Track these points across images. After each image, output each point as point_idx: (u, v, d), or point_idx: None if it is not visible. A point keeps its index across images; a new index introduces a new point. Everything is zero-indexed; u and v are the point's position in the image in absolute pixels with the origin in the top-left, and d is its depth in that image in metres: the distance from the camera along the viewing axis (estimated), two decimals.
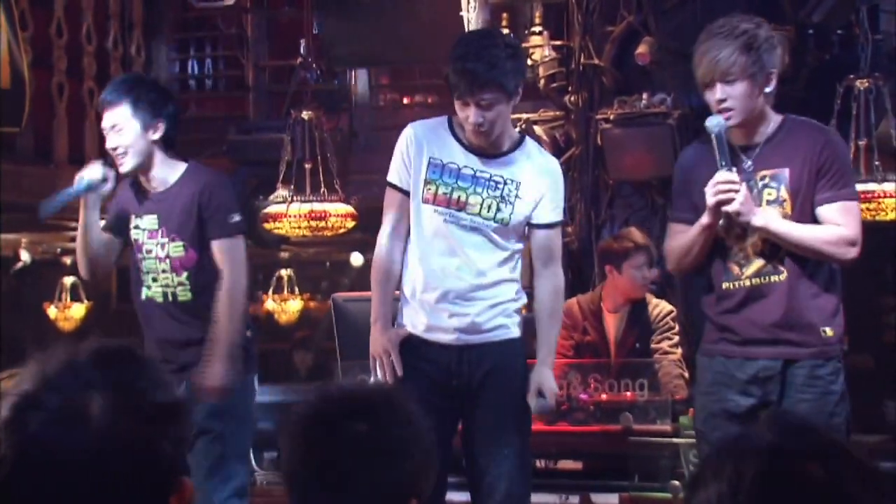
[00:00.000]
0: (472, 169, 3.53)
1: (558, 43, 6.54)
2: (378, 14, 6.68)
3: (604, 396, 4.73)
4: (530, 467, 3.70)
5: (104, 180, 3.85)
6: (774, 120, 3.46)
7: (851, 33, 6.10)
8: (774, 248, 3.40)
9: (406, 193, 3.59)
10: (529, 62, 6.69)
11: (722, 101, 3.35)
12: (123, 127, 3.83)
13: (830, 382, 3.39)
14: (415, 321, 3.60)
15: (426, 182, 3.55)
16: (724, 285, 3.47)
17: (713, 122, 3.36)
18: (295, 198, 5.56)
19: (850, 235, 3.37)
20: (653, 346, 5.13)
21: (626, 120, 5.96)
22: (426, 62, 7.30)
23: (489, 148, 3.55)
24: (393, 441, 1.68)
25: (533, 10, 6.91)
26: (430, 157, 3.56)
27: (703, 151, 3.51)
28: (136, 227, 3.96)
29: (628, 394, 4.71)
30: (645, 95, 5.98)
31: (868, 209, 5.16)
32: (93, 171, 3.84)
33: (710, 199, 3.34)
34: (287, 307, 10.74)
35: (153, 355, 3.95)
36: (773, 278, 3.41)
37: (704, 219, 3.39)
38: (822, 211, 3.38)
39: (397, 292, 3.67)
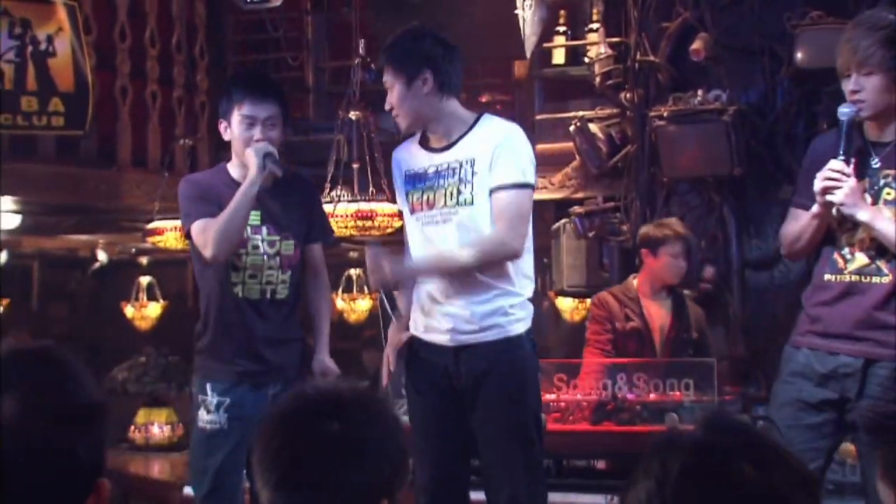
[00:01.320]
0: (435, 166, 3.57)
1: (614, 40, 6.48)
2: (433, 13, 6.67)
3: (651, 396, 4.69)
4: (540, 466, 3.65)
5: (278, 161, 3.92)
6: None
7: None
8: (882, 249, 3.34)
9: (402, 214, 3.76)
10: (586, 59, 6.67)
11: (855, 91, 3.31)
12: (277, 123, 3.94)
13: None
14: (416, 323, 3.66)
15: (407, 195, 3.65)
16: (826, 277, 3.44)
17: (844, 110, 3.33)
18: (342, 197, 5.59)
19: None
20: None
21: (680, 117, 5.88)
22: (481, 61, 7.29)
23: (445, 140, 3.57)
24: (365, 441, 1.68)
25: (591, 7, 6.86)
26: (405, 172, 3.66)
27: (833, 140, 3.45)
28: None
29: (676, 393, 4.65)
30: (700, 92, 5.89)
31: None
32: (263, 146, 3.86)
33: (817, 185, 3.32)
34: (356, 306, 10.81)
35: (241, 355, 3.99)
36: (876, 279, 3.36)
37: (815, 207, 3.37)
38: None
39: None
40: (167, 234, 6.33)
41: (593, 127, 6.48)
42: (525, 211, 3.50)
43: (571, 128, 6.54)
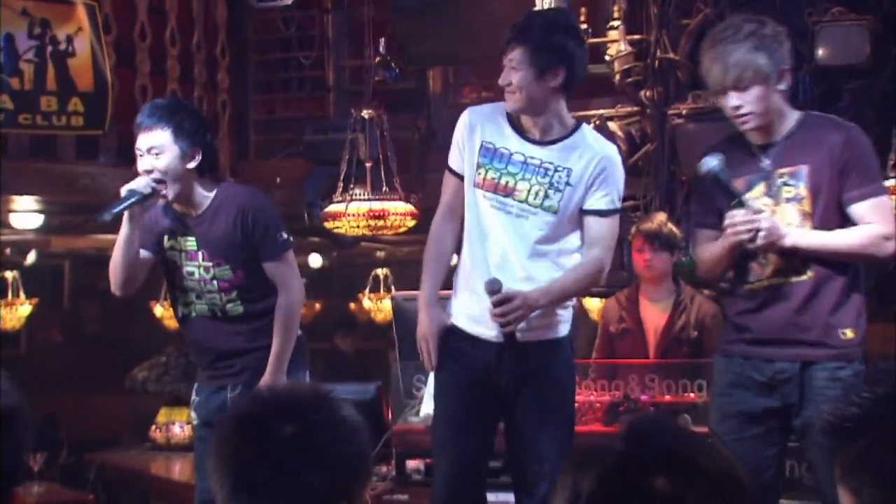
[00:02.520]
0: (523, 155, 3.48)
1: (635, 37, 6.41)
2: (453, 12, 6.65)
3: (667, 397, 4.64)
4: None
5: (153, 194, 3.80)
6: (793, 117, 3.37)
7: None
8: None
9: (461, 178, 3.58)
10: (606, 57, 6.61)
11: (738, 107, 3.28)
12: (163, 151, 3.79)
13: (852, 385, 3.26)
14: (462, 312, 3.57)
15: (478, 166, 3.51)
16: (747, 286, 3.40)
17: (707, 165, 3.30)
18: (354, 196, 5.57)
19: (885, 231, 3.27)
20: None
21: (699, 115, 5.81)
22: (500, 59, 7.24)
23: (542, 134, 3.50)
24: (321, 443, 1.64)
25: (612, 4, 6.80)
26: (483, 141, 3.53)
27: (720, 150, 3.44)
28: (172, 248, 3.96)
29: (691, 395, 4.60)
30: None
31: None
32: (140, 183, 3.79)
33: (732, 239, 3.29)
34: (383, 306, 10.81)
35: (203, 363, 4.05)
36: (795, 279, 3.32)
37: (728, 243, 3.33)
38: (853, 210, 3.28)
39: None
40: None
41: (613, 125, 6.42)
42: (616, 235, 3.57)
43: (591, 126, 6.48)
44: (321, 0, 7.86)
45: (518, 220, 3.46)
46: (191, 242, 3.94)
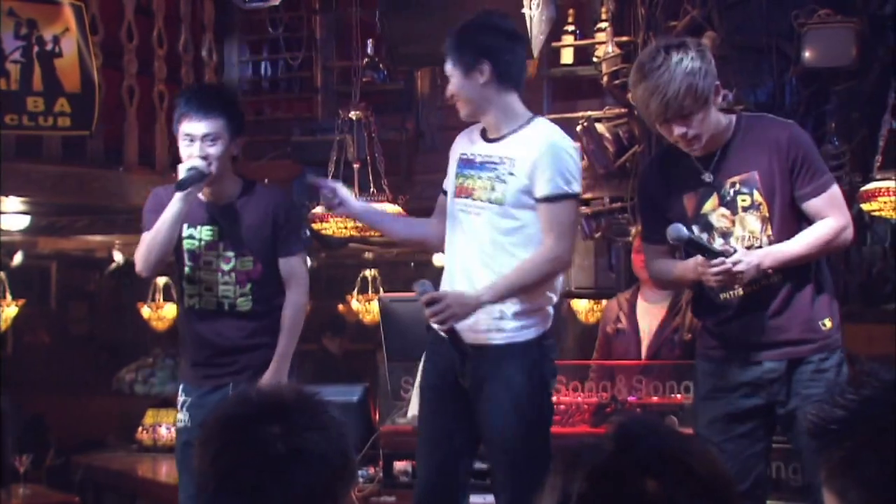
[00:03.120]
0: (480, 155, 3.56)
1: (622, 39, 6.42)
2: (441, 13, 6.63)
3: (654, 399, 4.64)
4: (543, 468, 3.59)
5: (208, 176, 3.87)
6: (727, 123, 3.38)
7: None
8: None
9: (444, 193, 3.70)
10: (594, 59, 6.61)
11: (683, 134, 3.27)
12: (217, 139, 3.89)
13: (836, 374, 3.33)
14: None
15: (455, 178, 3.63)
16: (722, 296, 3.41)
17: (674, 234, 3.29)
18: None
19: (843, 222, 3.33)
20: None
21: None
22: None
23: (494, 132, 3.57)
24: (306, 445, 1.63)
25: (600, 5, 6.81)
26: (461, 155, 3.63)
27: (659, 168, 3.51)
28: (191, 236, 3.98)
29: (678, 396, 4.61)
30: None
31: None
32: (199, 163, 3.84)
33: (714, 285, 3.30)
34: (371, 307, 10.79)
35: (201, 360, 4.01)
36: (766, 282, 3.35)
37: (692, 276, 3.36)
38: (808, 206, 3.32)
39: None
40: None
41: (600, 127, 6.43)
42: (571, 221, 3.53)
43: (578, 128, 6.48)
44: (309, 1, 7.84)
45: (477, 219, 3.52)
46: (212, 231, 3.97)
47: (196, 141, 3.87)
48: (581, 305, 8.17)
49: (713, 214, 3.37)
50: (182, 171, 3.84)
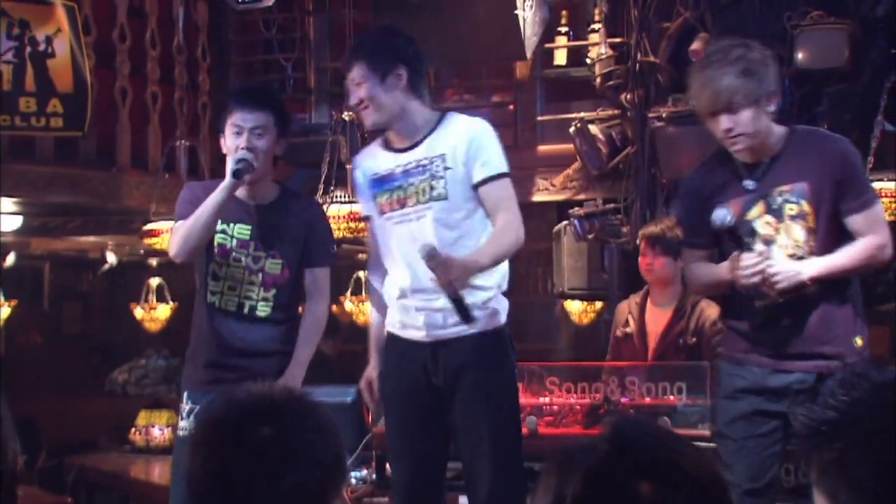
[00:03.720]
0: (401, 166, 3.57)
1: (615, 40, 6.43)
2: (434, 15, 6.64)
3: (647, 400, 4.64)
4: (520, 461, 3.60)
5: (252, 168, 3.86)
6: (779, 134, 3.42)
7: None
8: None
9: (370, 219, 3.71)
10: (587, 60, 6.62)
11: (728, 130, 3.34)
12: (265, 133, 3.88)
13: None
14: (393, 321, 3.64)
15: (374, 198, 3.64)
16: (758, 302, 3.44)
17: (718, 218, 3.37)
18: (335, 198, 5.56)
19: (882, 240, 3.38)
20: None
21: (679, 118, 5.82)
22: (481, 62, 7.26)
23: (409, 140, 3.58)
24: (298, 446, 1.63)
25: (593, 7, 6.82)
26: (371, 176, 3.65)
27: (704, 173, 3.56)
28: (224, 231, 3.95)
29: (671, 397, 4.60)
30: None
31: None
32: (247, 154, 3.83)
33: (745, 282, 3.34)
34: (365, 308, 10.78)
35: (212, 361, 3.98)
36: (803, 291, 3.37)
37: (728, 276, 3.39)
38: (851, 221, 3.37)
39: None
40: (163, 235, 6.31)
41: (594, 128, 6.44)
42: (514, 196, 3.58)
43: (572, 129, 6.49)
44: (302, 2, 7.83)
45: (420, 223, 3.53)
46: (245, 230, 3.95)
47: (244, 133, 3.86)
48: (574, 307, 8.18)
49: (758, 221, 3.40)
50: (232, 162, 3.84)
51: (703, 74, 3.36)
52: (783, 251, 3.38)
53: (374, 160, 3.67)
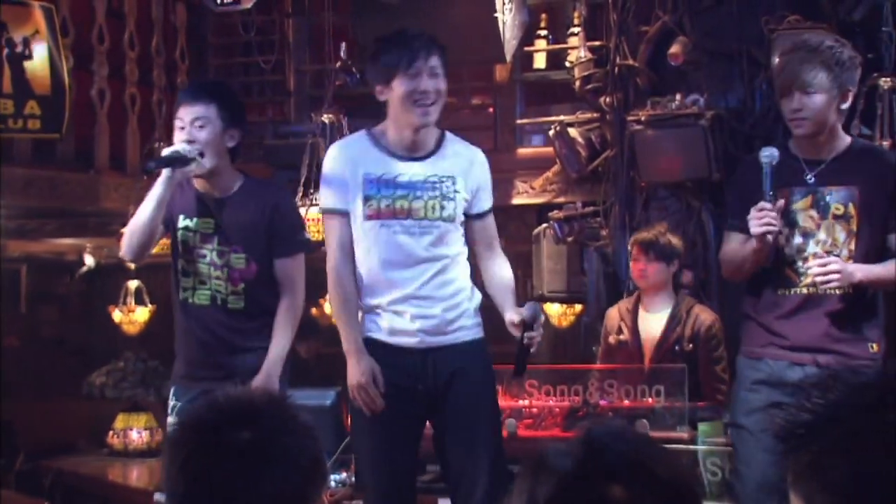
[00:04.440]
0: (406, 175, 3.53)
1: (595, 44, 6.45)
2: (413, 17, 6.64)
3: (625, 402, 4.66)
4: (506, 466, 3.62)
5: (194, 161, 3.82)
6: (844, 139, 3.52)
7: None
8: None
9: (345, 215, 3.58)
10: (567, 63, 6.64)
11: (797, 110, 3.42)
12: (206, 124, 3.85)
13: None
14: (377, 327, 3.58)
15: (366, 199, 3.53)
16: (780, 291, 3.52)
17: (766, 154, 3.43)
18: (315, 201, 5.55)
19: None
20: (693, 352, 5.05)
21: (658, 121, 5.84)
22: (461, 65, 7.25)
23: (417, 150, 3.55)
24: (277, 449, 1.63)
25: (573, 10, 6.84)
26: (364, 174, 3.54)
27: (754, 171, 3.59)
28: (186, 228, 3.94)
29: (649, 400, 4.62)
30: (678, 96, 5.86)
31: None
32: (184, 146, 3.82)
33: (755, 229, 3.40)
34: None
35: (195, 360, 3.97)
36: (831, 290, 3.45)
37: (755, 244, 3.45)
38: (894, 237, 3.47)
39: None
40: None
41: (573, 131, 6.45)
42: None
43: (551, 132, 6.51)
44: (282, 4, 7.82)
45: (423, 238, 3.53)
46: (208, 224, 3.93)
47: (186, 126, 3.85)
48: (553, 310, 8.19)
49: (802, 213, 3.49)
50: (163, 152, 3.84)
51: (791, 54, 3.46)
52: (819, 247, 3.47)
53: (368, 158, 3.56)
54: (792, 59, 3.45)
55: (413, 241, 3.52)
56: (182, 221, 3.94)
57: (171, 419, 4.00)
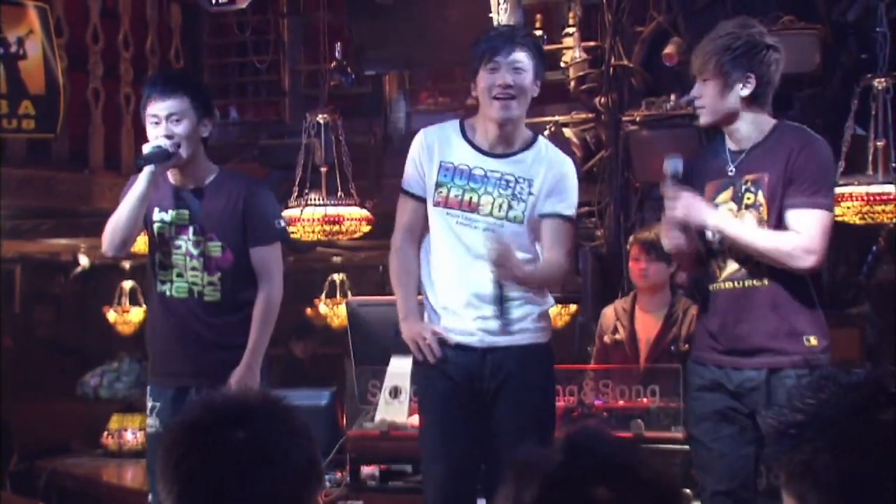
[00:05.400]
0: (483, 169, 3.52)
1: (589, 44, 6.45)
2: (408, 17, 6.66)
3: (620, 402, 4.66)
4: None
5: (174, 155, 3.84)
6: (763, 126, 3.42)
7: (893, 32, 5.93)
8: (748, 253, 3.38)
9: (419, 199, 3.60)
10: (561, 64, 6.64)
11: (697, 98, 3.40)
12: (182, 117, 3.86)
13: None
14: (437, 320, 3.58)
15: (437, 186, 3.55)
16: (710, 286, 3.47)
17: (668, 165, 3.44)
18: (310, 201, 5.56)
19: (807, 244, 3.30)
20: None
21: (652, 122, 5.85)
22: (456, 65, 7.27)
23: (501, 147, 3.54)
24: (272, 449, 1.63)
25: (567, 10, 6.84)
26: (442, 161, 3.56)
27: (706, 154, 3.64)
28: (161, 220, 3.95)
29: (644, 400, 4.62)
30: (673, 97, 5.87)
31: (884, 211, 5.05)
32: (163, 142, 3.82)
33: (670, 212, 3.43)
34: (339, 311, 10.76)
35: (170, 355, 3.96)
36: (751, 283, 3.38)
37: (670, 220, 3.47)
38: (787, 216, 3.33)
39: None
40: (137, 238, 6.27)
41: (568, 132, 6.45)
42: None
43: (546, 133, 6.50)
44: (276, 4, 7.83)
45: (485, 234, 3.49)
46: (183, 215, 3.94)
47: (161, 122, 3.85)
48: (550, 310, 8.20)
49: (723, 206, 3.42)
50: (145, 149, 3.83)
51: (702, 41, 3.44)
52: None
53: (450, 146, 3.55)
54: (700, 46, 3.42)
55: (475, 235, 3.49)
56: (157, 214, 3.95)
57: (150, 420, 3.99)
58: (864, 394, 1.29)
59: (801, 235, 3.29)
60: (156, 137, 3.84)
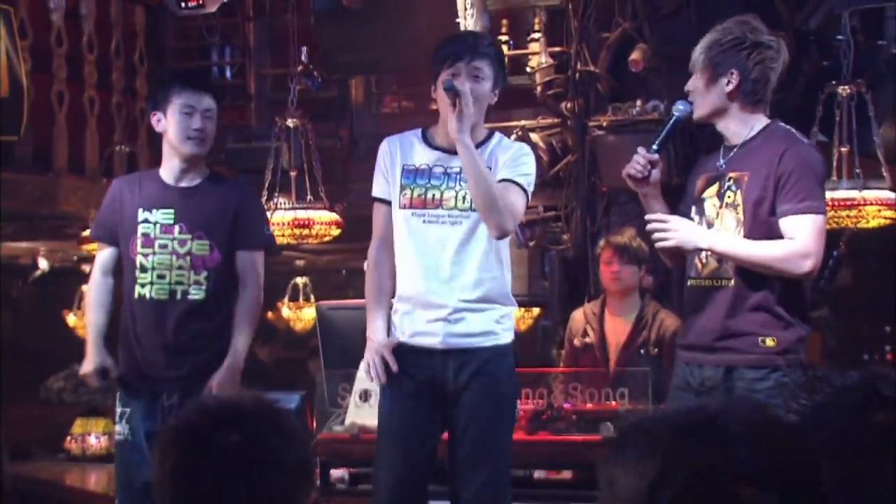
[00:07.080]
0: (443, 167, 3.56)
1: (556, 49, 6.50)
2: (375, 22, 6.67)
3: (589, 406, 4.68)
4: (511, 474, 3.65)
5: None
6: (754, 124, 3.43)
7: (856, 40, 6.01)
8: None
9: (389, 204, 3.62)
10: (528, 69, 6.68)
11: (691, 91, 3.47)
12: (213, 116, 3.94)
13: (770, 397, 3.24)
14: (402, 327, 3.59)
15: (401, 189, 3.58)
16: (690, 281, 3.50)
17: (680, 106, 3.50)
18: (279, 205, 5.56)
19: (801, 249, 3.30)
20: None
21: (618, 127, 5.90)
22: (423, 69, 7.28)
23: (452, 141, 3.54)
24: (266, 452, 1.63)
25: (533, 16, 6.88)
26: (404, 165, 3.60)
27: (710, 149, 3.62)
28: (146, 220, 3.93)
29: (612, 403, 4.65)
30: (639, 102, 5.92)
31: (849, 216, 5.12)
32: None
33: (624, 171, 3.50)
34: (302, 315, 10.72)
35: (144, 360, 3.92)
36: (721, 282, 3.40)
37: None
38: (782, 223, 3.33)
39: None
40: None
41: (534, 136, 6.48)
42: (522, 206, 3.60)
43: (512, 137, 6.53)
44: (243, 7, 7.80)
45: (453, 228, 3.52)
46: (168, 215, 3.93)
47: (195, 114, 3.87)
48: (515, 313, 8.23)
49: (709, 201, 3.44)
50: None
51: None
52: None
53: (412, 150, 3.59)
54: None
55: (442, 230, 3.52)
56: (142, 215, 3.94)
57: (119, 427, 3.95)
58: (858, 396, 1.31)
59: (795, 241, 3.29)
60: (188, 129, 3.87)
